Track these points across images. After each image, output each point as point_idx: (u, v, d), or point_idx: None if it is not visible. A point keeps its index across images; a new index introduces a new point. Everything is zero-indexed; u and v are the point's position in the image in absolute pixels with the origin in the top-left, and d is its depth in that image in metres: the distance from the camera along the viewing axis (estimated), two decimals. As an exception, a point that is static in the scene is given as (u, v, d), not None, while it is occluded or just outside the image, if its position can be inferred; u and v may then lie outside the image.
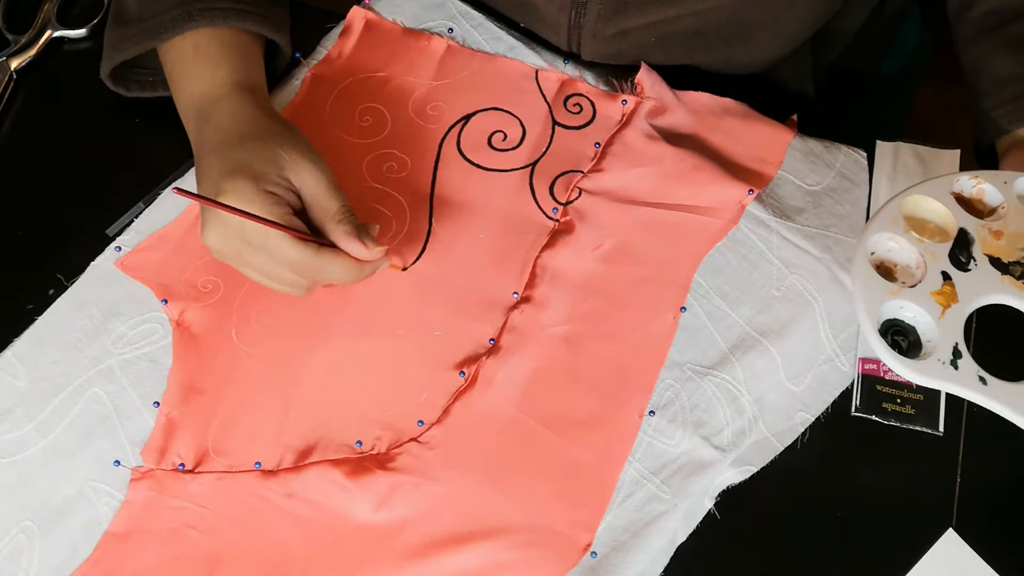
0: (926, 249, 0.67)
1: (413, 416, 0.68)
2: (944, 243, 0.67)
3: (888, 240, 0.67)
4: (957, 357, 0.63)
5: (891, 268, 0.68)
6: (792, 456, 0.68)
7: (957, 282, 0.66)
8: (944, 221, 0.68)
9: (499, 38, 0.80)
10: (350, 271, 0.65)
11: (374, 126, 0.77)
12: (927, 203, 0.69)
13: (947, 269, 0.66)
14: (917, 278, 0.66)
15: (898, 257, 0.68)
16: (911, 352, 0.65)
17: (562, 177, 0.76)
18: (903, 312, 0.66)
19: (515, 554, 0.65)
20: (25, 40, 0.81)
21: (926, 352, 0.64)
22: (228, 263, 0.66)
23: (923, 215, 0.69)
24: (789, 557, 0.66)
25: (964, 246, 0.67)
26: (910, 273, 0.67)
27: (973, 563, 0.65)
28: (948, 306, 0.65)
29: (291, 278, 0.65)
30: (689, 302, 0.72)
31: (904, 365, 0.63)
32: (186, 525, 0.65)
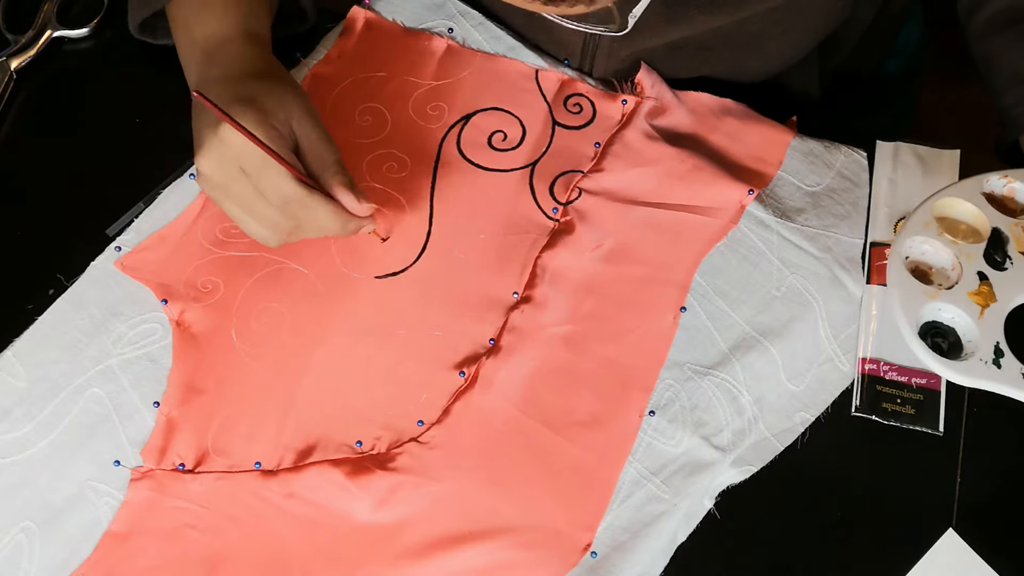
0: (961, 251, 0.67)
1: (413, 416, 0.68)
2: (978, 243, 0.67)
3: (922, 243, 0.68)
4: (999, 356, 0.64)
5: (927, 271, 0.68)
6: (792, 456, 0.68)
7: (994, 281, 0.66)
8: (977, 221, 0.68)
9: (499, 38, 0.80)
10: (335, 220, 0.65)
11: (374, 126, 0.77)
12: (959, 204, 0.69)
13: (983, 269, 0.66)
14: (953, 280, 0.67)
15: (933, 260, 0.68)
16: (952, 354, 0.65)
17: (562, 177, 0.76)
18: (941, 314, 0.66)
19: (515, 554, 0.65)
20: (25, 40, 0.81)
21: (967, 353, 0.65)
22: (211, 192, 0.65)
23: (955, 216, 0.69)
24: (789, 557, 0.66)
25: (999, 245, 0.67)
26: (946, 275, 0.68)
27: (973, 563, 0.65)
28: (987, 306, 0.65)
29: (274, 218, 0.64)
30: (689, 302, 0.72)
31: (947, 367, 0.63)
32: (186, 525, 0.65)
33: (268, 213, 0.64)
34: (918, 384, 0.68)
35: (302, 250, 0.72)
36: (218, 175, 0.63)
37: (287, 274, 0.72)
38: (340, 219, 0.65)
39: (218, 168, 0.63)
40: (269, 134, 0.62)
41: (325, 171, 0.65)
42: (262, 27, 0.72)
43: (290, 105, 0.65)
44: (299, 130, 0.65)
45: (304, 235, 0.67)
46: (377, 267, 0.72)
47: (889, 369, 0.69)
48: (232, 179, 0.63)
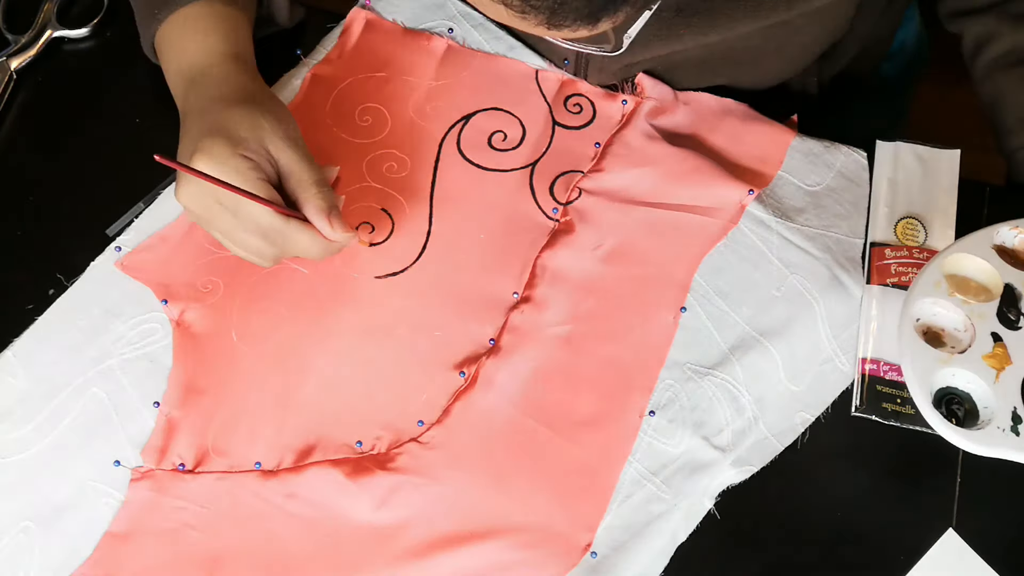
0: (972, 311, 0.65)
1: (413, 416, 0.68)
2: (990, 302, 0.65)
3: (932, 305, 0.66)
4: (1017, 423, 0.62)
5: (938, 333, 0.66)
6: (792, 456, 0.68)
7: (1008, 342, 0.64)
8: (988, 278, 0.66)
9: (499, 38, 0.80)
10: (316, 245, 0.66)
11: (374, 126, 0.77)
12: (968, 261, 0.67)
13: (996, 330, 0.64)
14: (966, 342, 0.64)
15: (944, 321, 0.66)
16: (968, 420, 0.63)
17: (562, 177, 0.76)
18: (955, 380, 0.64)
19: (515, 554, 0.65)
20: (25, 40, 0.81)
21: (984, 419, 0.63)
22: (197, 223, 0.66)
23: (965, 273, 0.67)
24: (789, 557, 0.66)
25: (1012, 302, 0.65)
26: (958, 337, 0.65)
27: (973, 563, 0.65)
28: (1002, 368, 0.63)
29: (258, 246, 0.65)
30: (689, 302, 0.72)
31: (964, 437, 0.61)
32: (186, 525, 0.65)
33: (251, 242, 0.65)
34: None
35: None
36: (198, 208, 0.64)
37: (287, 274, 0.72)
38: (319, 245, 0.66)
39: (196, 202, 0.64)
40: (240, 165, 0.63)
41: (303, 193, 0.65)
42: (241, 45, 0.72)
43: (264, 130, 0.65)
44: (276, 154, 0.65)
45: (291, 256, 0.67)
46: (377, 267, 0.72)
47: (889, 369, 0.69)
48: (211, 212, 0.64)
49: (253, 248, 0.65)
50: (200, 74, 0.69)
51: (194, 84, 0.69)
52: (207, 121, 0.65)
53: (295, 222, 0.64)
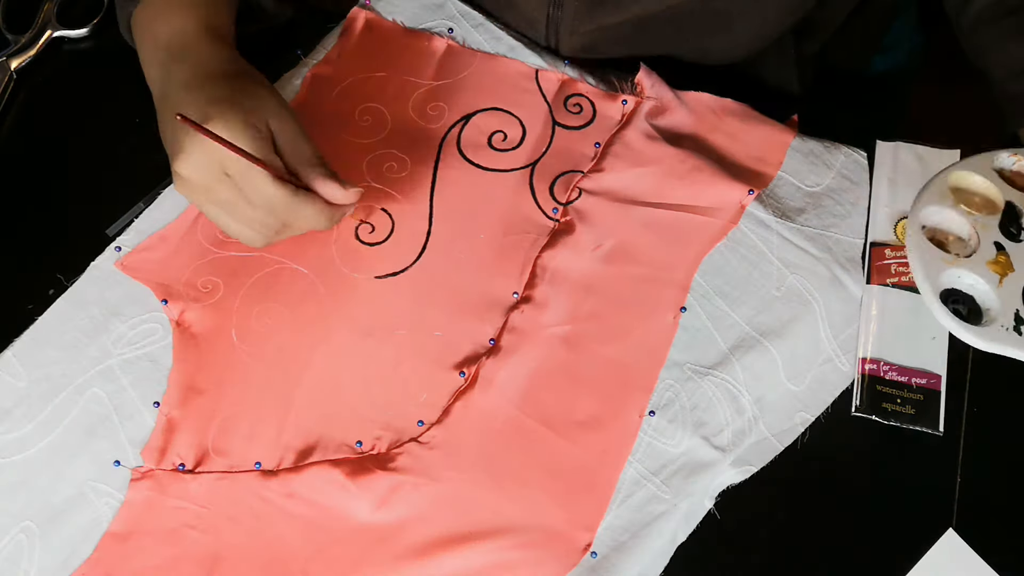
0: (977, 221, 0.67)
1: (413, 416, 0.68)
2: (993, 215, 0.68)
3: (938, 212, 0.68)
4: (1020, 323, 0.64)
5: (944, 240, 0.68)
6: (792, 456, 0.68)
7: (1011, 252, 0.66)
8: (991, 194, 0.69)
9: (499, 38, 0.80)
10: (323, 215, 0.65)
11: (374, 126, 0.77)
12: (972, 178, 0.69)
13: (1000, 240, 0.67)
14: (971, 249, 0.67)
15: (949, 228, 0.69)
16: (971, 320, 0.65)
17: (562, 177, 0.76)
18: (960, 281, 0.66)
19: (515, 554, 0.65)
20: (25, 40, 0.81)
21: (987, 320, 0.65)
22: (191, 196, 0.64)
23: (969, 188, 0.69)
24: (789, 557, 0.66)
25: (1013, 218, 0.67)
26: (963, 244, 0.68)
27: (973, 563, 0.65)
28: (1005, 275, 0.65)
29: (259, 218, 0.64)
30: (689, 302, 0.72)
31: (969, 332, 0.63)
32: (186, 525, 0.65)
33: (253, 215, 0.64)
34: (918, 384, 0.68)
35: (302, 250, 0.72)
36: (200, 178, 0.63)
37: (287, 274, 0.72)
38: (325, 214, 0.66)
39: (200, 172, 0.62)
40: (250, 135, 0.62)
41: (303, 166, 0.65)
42: (224, 24, 0.71)
43: (265, 102, 0.64)
44: (276, 126, 0.64)
45: (290, 233, 0.67)
46: (377, 267, 0.72)
47: (889, 369, 0.69)
48: (215, 182, 0.63)
49: (255, 222, 0.64)
50: (184, 49, 0.68)
51: (178, 59, 0.67)
52: (209, 91, 0.64)
53: (303, 194, 0.64)
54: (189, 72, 0.66)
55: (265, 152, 0.62)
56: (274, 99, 0.65)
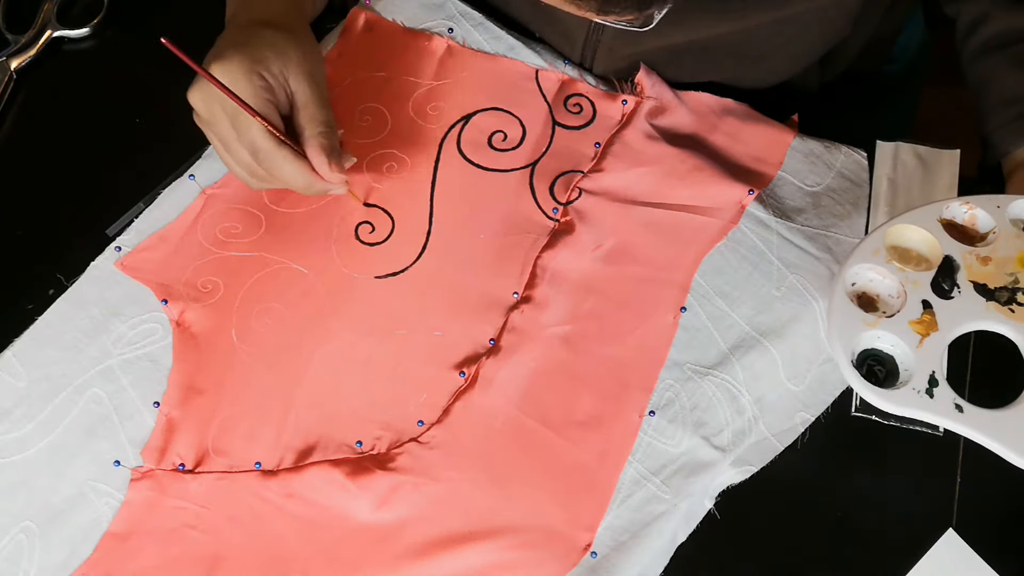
0: (907, 278, 0.66)
1: (413, 416, 0.68)
2: (927, 271, 0.66)
3: (868, 270, 0.67)
4: (933, 386, 0.63)
5: (873, 298, 0.67)
6: (792, 456, 0.68)
7: (938, 310, 0.65)
8: (929, 249, 0.67)
9: (499, 38, 0.80)
10: (299, 178, 0.67)
11: (374, 126, 0.77)
12: (912, 232, 0.68)
13: (928, 297, 0.65)
14: (896, 308, 0.66)
15: (880, 287, 0.67)
16: (888, 381, 0.64)
17: (562, 177, 0.76)
18: (879, 342, 0.65)
19: (515, 554, 0.65)
20: (25, 40, 0.81)
21: (902, 381, 0.64)
22: (200, 124, 0.68)
23: (907, 244, 0.68)
24: (789, 557, 0.66)
25: (948, 273, 0.66)
26: (890, 303, 0.67)
27: (973, 563, 0.65)
28: (927, 335, 0.64)
29: (248, 162, 0.66)
30: (689, 302, 0.72)
31: (877, 395, 0.62)
32: (186, 525, 0.65)
33: (243, 157, 0.66)
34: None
35: (302, 250, 0.72)
36: (203, 111, 0.66)
37: (287, 274, 0.72)
38: (305, 178, 0.67)
39: (202, 104, 0.66)
40: (252, 80, 0.65)
41: (308, 128, 0.67)
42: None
43: (289, 59, 0.66)
44: (295, 85, 0.67)
45: (277, 184, 0.68)
46: (377, 267, 0.72)
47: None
48: (213, 116, 0.66)
49: (244, 163, 0.67)
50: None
51: (246, 4, 0.71)
52: (238, 35, 0.67)
53: (286, 149, 0.66)
54: (245, 16, 0.70)
55: (261, 101, 0.65)
56: (302, 58, 0.67)
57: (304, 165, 0.66)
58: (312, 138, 0.66)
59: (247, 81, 0.64)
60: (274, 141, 0.65)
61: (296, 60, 0.67)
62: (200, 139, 0.68)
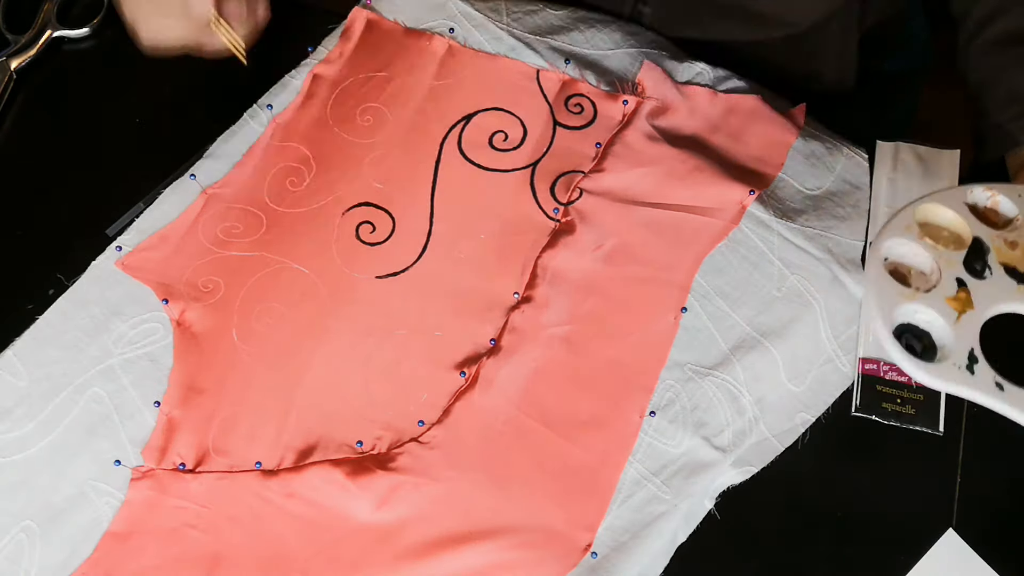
0: (940, 256, 0.66)
1: (413, 416, 0.68)
2: (959, 251, 0.66)
3: (901, 245, 0.67)
4: (973, 362, 0.63)
5: (905, 273, 0.67)
6: (792, 456, 0.68)
7: (972, 289, 0.65)
8: (959, 229, 0.67)
9: (500, 38, 0.80)
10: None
11: (375, 126, 0.77)
12: (941, 211, 0.68)
13: (962, 276, 0.65)
14: (932, 283, 0.66)
15: (912, 262, 0.67)
16: (925, 356, 0.64)
17: (563, 177, 0.76)
18: (917, 316, 0.65)
19: (515, 554, 0.65)
20: (25, 40, 0.81)
21: (941, 357, 0.63)
22: None
23: (938, 222, 0.68)
24: (789, 557, 0.66)
25: (979, 255, 0.66)
26: (924, 278, 0.67)
27: (973, 563, 0.65)
28: (963, 312, 0.64)
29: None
30: (690, 302, 0.72)
31: (919, 368, 0.62)
32: (186, 525, 0.65)
33: None
34: (918, 384, 0.68)
35: (302, 250, 0.72)
36: None
37: (288, 274, 0.72)
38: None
39: None
40: None
41: None
42: None
43: None
44: None
45: None
46: (378, 267, 0.72)
47: (889, 369, 0.69)
48: None
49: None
50: None
51: None
52: None
53: None
54: None
55: None
56: None
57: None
58: None
59: None
60: None
61: None
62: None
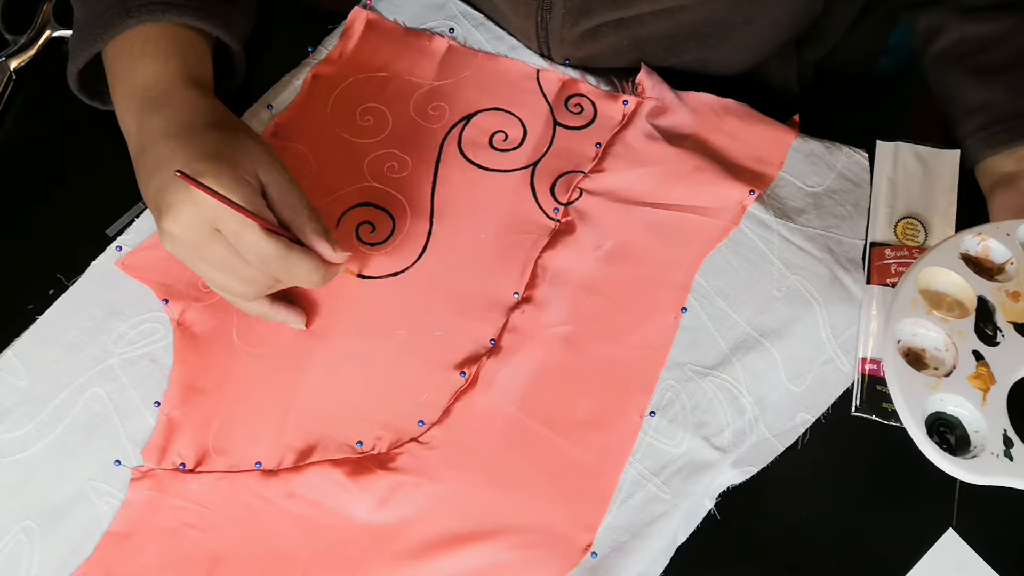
0: (952, 329, 0.64)
1: (414, 416, 0.68)
2: (966, 317, 0.65)
3: (913, 326, 0.65)
4: (1009, 446, 0.61)
5: (920, 354, 0.65)
6: (792, 457, 0.68)
7: (990, 360, 0.63)
8: (961, 292, 0.66)
9: (500, 38, 0.80)
10: (317, 271, 0.63)
11: (375, 126, 0.77)
12: (941, 275, 0.66)
13: (977, 347, 0.63)
14: (949, 362, 0.64)
15: (925, 341, 0.65)
16: (960, 447, 0.62)
17: (563, 177, 0.76)
18: (944, 405, 0.63)
19: (515, 554, 0.65)
20: (24, 40, 0.81)
21: (975, 444, 0.62)
22: (181, 254, 0.63)
23: (939, 288, 0.67)
24: (789, 557, 0.66)
25: (987, 317, 0.64)
26: (939, 357, 0.65)
27: (973, 563, 0.65)
28: (987, 389, 0.62)
29: (253, 276, 0.63)
30: (690, 302, 0.72)
31: (960, 467, 0.60)
32: (186, 525, 0.65)
33: (247, 272, 0.62)
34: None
35: (303, 250, 0.72)
36: (191, 237, 0.61)
37: (288, 274, 0.72)
38: (319, 271, 0.64)
39: (191, 230, 0.61)
40: (243, 188, 0.60)
41: (297, 218, 0.63)
42: (205, 72, 0.69)
43: (254, 154, 0.62)
44: (265, 177, 0.62)
45: (280, 287, 0.66)
46: (378, 267, 0.72)
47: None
48: (207, 239, 0.61)
49: (250, 277, 0.63)
50: (163, 96, 0.65)
51: (155, 106, 0.65)
52: (194, 145, 0.61)
53: (298, 250, 0.62)
54: (169, 124, 0.64)
55: (258, 205, 0.61)
56: (262, 149, 0.63)
57: (315, 258, 0.63)
58: (305, 225, 0.62)
59: (240, 190, 0.59)
60: (283, 243, 0.61)
61: (258, 152, 0.62)
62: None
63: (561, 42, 0.77)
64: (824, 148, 0.77)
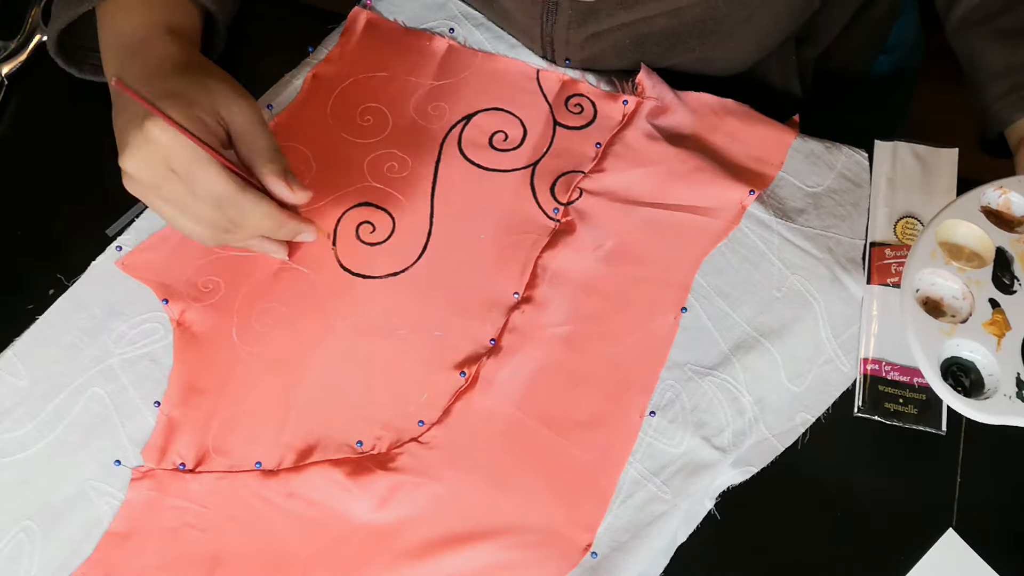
0: (969, 278, 0.65)
1: (414, 416, 0.68)
2: (984, 267, 0.66)
3: (931, 275, 0.66)
4: (1022, 388, 0.62)
5: (938, 302, 0.66)
6: (793, 457, 0.68)
7: (1006, 307, 0.64)
8: (980, 244, 0.67)
9: (500, 38, 0.80)
10: (270, 220, 0.64)
11: (375, 126, 0.77)
12: (960, 227, 0.67)
13: (994, 295, 0.64)
14: (966, 311, 0.65)
15: (943, 290, 0.66)
16: (974, 390, 0.63)
17: (563, 177, 0.76)
18: (960, 350, 0.64)
19: (515, 554, 0.65)
20: (15, 45, 0.80)
21: (989, 388, 0.63)
22: (140, 194, 0.63)
23: (958, 240, 0.67)
24: (789, 557, 0.66)
25: (1005, 266, 0.65)
26: (956, 306, 0.66)
27: (973, 563, 0.65)
28: (1002, 335, 0.63)
29: (208, 215, 0.63)
30: (690, 302, 0.72)
31: (972, 408, 0.61)
32: (186, 525, 0.65)
33: (202, 211, 0.63)
34: (920, 384, 0.68)
35: (303, 250, 0.72)
36: (146, 175, 0.62)
37: (288, 274, 0.72)
38: (275, 219, 0.64)
39: (146, 168, 0.61)
40: (195, 126, 0.60)
41: (256, 158, 0.63)
42: (187, 25, 0.70)
43: (215, 92, 0.63)
44: (227, 116, 0.63)
45: (242, 234, 0.66)
46: (378, 267, 0.72)
47: (891, 369, 0.69)
48: (162, 179, 0.62)
49: (204, 219, 0.63)
50: (140, 44, 0.67)
51: (133, 55, 0.66)
52: (156, 87, 0.62)
53: (252, 191, 0.62)
54: (142, 68, 0.65)
55: (214, 143, 0.61)
56: (228, 88, 0.63)
57: (270, 205, 0.63)
58: (262, 166, 0.62)
59: (191, 125, 0.60)
60: (238, 185, 0.61)
61: (221, 91, 0.63)
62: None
63: (566, 43, 0.77)
64: (824, 148, 0.77)
